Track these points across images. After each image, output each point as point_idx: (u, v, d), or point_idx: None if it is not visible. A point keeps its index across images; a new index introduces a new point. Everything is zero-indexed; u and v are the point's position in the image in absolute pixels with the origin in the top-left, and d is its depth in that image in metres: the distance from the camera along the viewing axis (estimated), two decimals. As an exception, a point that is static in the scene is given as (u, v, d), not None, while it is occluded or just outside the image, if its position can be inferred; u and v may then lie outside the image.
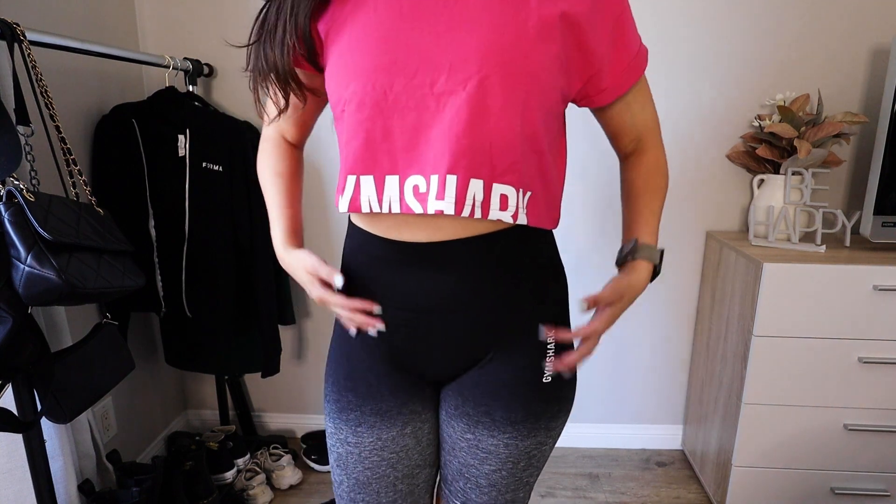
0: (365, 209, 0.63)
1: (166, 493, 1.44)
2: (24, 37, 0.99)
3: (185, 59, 1.53)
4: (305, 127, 0.79)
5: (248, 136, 1.54)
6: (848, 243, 1.48)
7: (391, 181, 0.61)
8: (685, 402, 1.87)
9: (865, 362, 1.36)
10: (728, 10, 1.53)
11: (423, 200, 0.60)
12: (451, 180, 0.58)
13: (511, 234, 0.64)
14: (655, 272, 0.73)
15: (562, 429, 0.74)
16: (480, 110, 0.57)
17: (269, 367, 1.66)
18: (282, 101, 0.68)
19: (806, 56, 1.55)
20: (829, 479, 1.47)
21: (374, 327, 0.68)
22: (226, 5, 1.61)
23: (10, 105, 0.97)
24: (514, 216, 0.61)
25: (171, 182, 1.47)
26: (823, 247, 1.41)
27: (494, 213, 0.60)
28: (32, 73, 1.00)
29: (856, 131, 1.57)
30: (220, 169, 1.49)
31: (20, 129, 0.97)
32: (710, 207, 1.68)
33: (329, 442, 0.75)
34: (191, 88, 1.57)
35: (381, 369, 0.71)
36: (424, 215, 0.62)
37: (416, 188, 0.60)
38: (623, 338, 1.82)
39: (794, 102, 1.47)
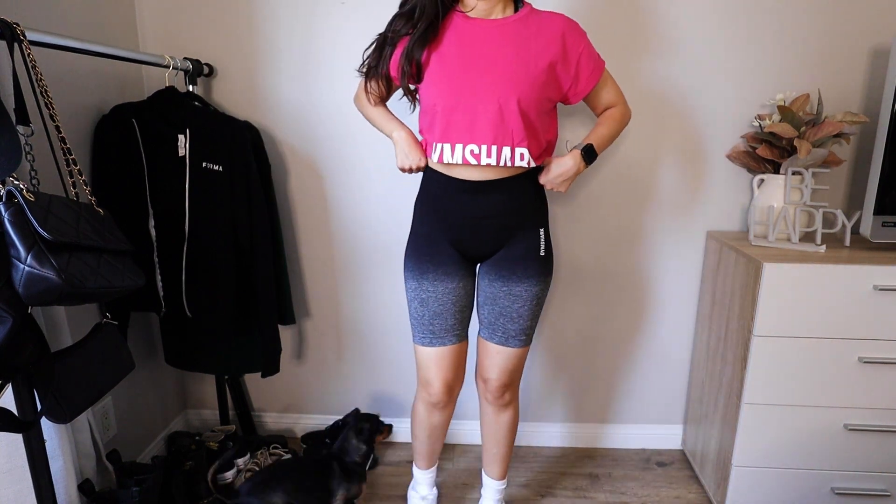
0: (446, 161, 1.18)
1: (166, 493, 1.44)
2: (24, 37, 0.99)
3: (185, 59, 1.53)
4: (388, 95, 1.34)
5: (248, 136, 1.54)
6: (848, 243, 1.48)
7: (458, 147, 1.15)
8: (685, 402, 1.87)
9: (866, 362, 1.36)
10: (728, 10, 1.53)
11: (477, 158, 1.15)
12: (494, 148, 1.14)
13: (521, 176, 1.22)
14: (587, 159, 1.24)
15: (550, 282, 1.30)
16: (504, 112, 1.13)
17: (269, 367, 1.66)
18: (384, 92, 1.29)
19: (806, 56, 1.55)
20: (829, 479, 1.47)
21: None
22: (226, 5, 1.61)
23: (10, 105, 0.97)
24: (528, 164, 1.17)
25: (171, 182, 1.47)
26: (823, 247, 1.41)
27: (518, 162, 1.16)
28: (32, 73, 1.00)
29: (856, 131, 1.57)
30: (220, 169, 1.49)
31: (20, 129, 0.97)
32: (710, 207, 1.68)
33: (412, 294, 1.28)
34: (191, 88, 1.57)
35: (448, 250, 1.26)
36: (478, 165, 1.16)
37: (471, 151, 1.15)
38: (623, 338, 1.82)
39: (794, 102, 1.47)
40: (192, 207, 1.49)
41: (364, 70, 1.26)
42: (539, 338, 1.84)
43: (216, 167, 1.49)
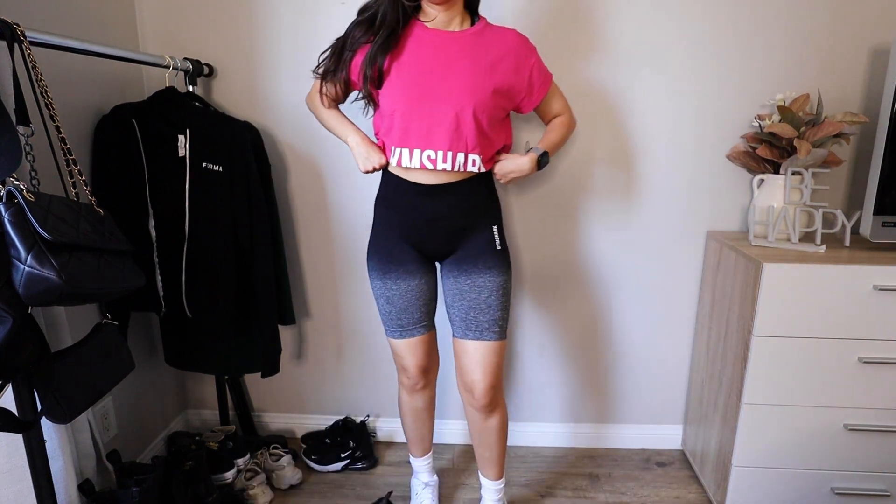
0: (404, 165, 1.24)
1: (166, 493, 1.44)
2: (24, 37, 0.99)
3: (185, 59, 1.53)
4: (344, 98, 1.37)
5: (248, 136, 1.54)
6: (848, 243, 1.48)
7: (416, 152, 1.22)
8: (685, 402, 1.87)
9: (865, 362, 1.36)
10: (728, 10, 1.53)
11: (433, 163, 1.22)
12: (450, 154, 1.22)
13: (474, 179, 1.29)
14: (541, 164, 1.33)
15: (511, 275, 1.34)
16: (460, 121, 1.20)
17: (269, 367, 1.66)
18: (340, 95, 1.33)
19: (806, 56, 1.55)
20: (829, 479, 1.47)
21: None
22: (226, 5, 1.61)
23: (10, 105, 0.97)
24: (479, 169, 1.25)
25: (171, 182, 1.48)
26: (823, 247, 1.41)
27: (469, 168, 1.24)
28: (32, 73, 1.00)
29: (856, 131, 1.57)
30: (220, 169, 1.49)
31: (20, 129, 0.97)
32: (710, 207, 1.68)
33: (378, 292, 1.35)
34: (191, 88, 1.57)
35: (407, 250, 1.32)
36: (434, 170, 1.24)
37: (428, 156, 1.22)
38: (623, 338, 1.82)
39: (794, 102, 1.47)
40: (192, 208, 1.49)
41: (321, 73, 1.30)
42: (539, 337, 1.84)
43: (216, 167, 1.49)
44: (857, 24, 1.52)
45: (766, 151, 1.50)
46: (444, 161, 1.21)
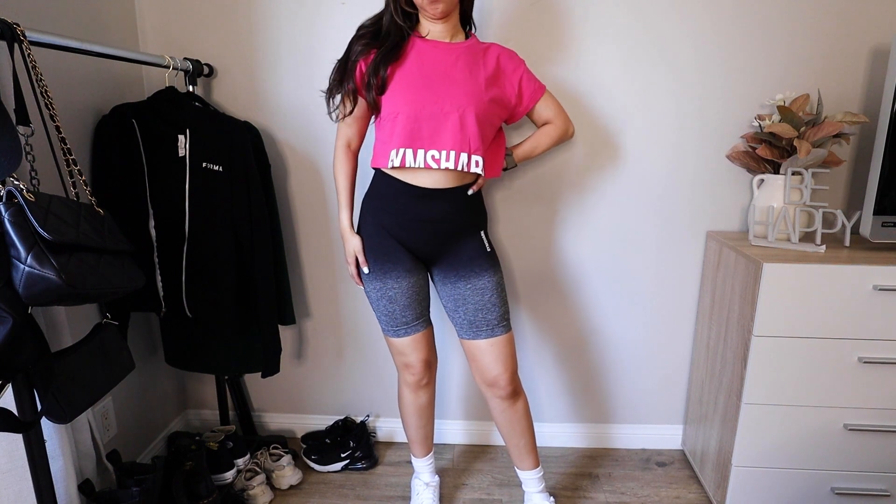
0: (408, 165, 1.27)
1: (166, 493, 1.44)
2: (24, 37, 0.99)
3: (185, 59, 1.53)
4: (362, 135, 1.43)
5: (248, 136, 1.54)
6: (848, 243, 1.48)
7: (420, 152, 1.27)
8: (685, 402, 1.87)
9: (865, 362, 1.36)
10: (728, 10, 1.53)
11: (437, 162, 1.27)
12: (453, 153, 1.27)
13: (467, 186, 1.34)
14: (505, 166, 1.46)
15: (501, 271, 1.40)
16: (463, 123, 1.27)
17: (269, 367, 1.66)
18: (349, 108, 1.34)
19: (806, 56, 1.55)
20: (829, 479, 1.47)
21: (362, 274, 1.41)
22: (226, 5, 1.62)
23: (10, 105, 0.97)
24: (481, 170, 1.29)
25: (171, 182, 1.48)
26: (823, 247, 1.41)
27: (473, 168, 1.29)
28: (32, 73, 1.00)
29: (856, 131, 1.57)
30: (220, 169, 1.49)
31: (20, 129, 0.97)
32: (710, 207, 1.68)
33: (378, 294, 1.37)
34: (191, 88, 1.57)
35: (403, 250, 1.35)
36: (432, 171, 1.28)
37: (432, 156, 1.27)
38: (623, 338, 1.82)
39: (794, 102, 1.47)
40: (192, 208, 1.49)
41: (329, 87, 1.34)
42: (539, 338, 1.84)
43: (216, 167, 1.49)
44: (857, 24, 1.52)
45: (766, 151, 1.50)
46: (448, 160, 1.26)
